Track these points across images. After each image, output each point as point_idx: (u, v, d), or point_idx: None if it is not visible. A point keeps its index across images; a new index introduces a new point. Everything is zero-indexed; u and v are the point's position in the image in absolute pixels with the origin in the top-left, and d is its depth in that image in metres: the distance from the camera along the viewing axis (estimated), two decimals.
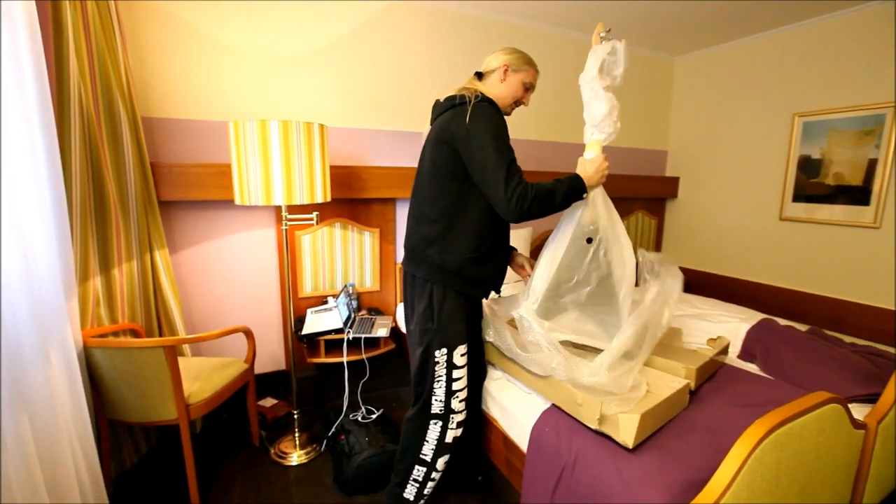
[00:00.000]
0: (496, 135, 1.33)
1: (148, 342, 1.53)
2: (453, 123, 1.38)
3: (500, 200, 1.32)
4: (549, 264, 1.49)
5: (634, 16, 2.76)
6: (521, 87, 1.51)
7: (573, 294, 1.51)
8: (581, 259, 1.49)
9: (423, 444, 1.52)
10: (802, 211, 2.89)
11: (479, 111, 1.36)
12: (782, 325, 2.02)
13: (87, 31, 1.63)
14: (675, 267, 1.60)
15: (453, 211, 1.41)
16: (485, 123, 1.34)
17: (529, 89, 1.54)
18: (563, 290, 1.50)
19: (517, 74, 1.49)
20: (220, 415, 2.27)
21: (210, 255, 2.27)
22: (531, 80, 1.52)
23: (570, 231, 1.48)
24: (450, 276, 1.44)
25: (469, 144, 1.34)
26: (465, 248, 1.42)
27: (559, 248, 1.49)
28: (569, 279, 1.49)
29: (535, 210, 1.33)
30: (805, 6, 2.57)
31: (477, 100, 1.38)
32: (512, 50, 1.51)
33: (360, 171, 2.42)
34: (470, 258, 1.42)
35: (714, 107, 3.39)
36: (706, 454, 1.18)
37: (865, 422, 1.36)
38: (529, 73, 1.51)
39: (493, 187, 1.32)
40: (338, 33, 2.40)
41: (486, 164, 1.32)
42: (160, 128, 2.09)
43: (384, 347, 2.29)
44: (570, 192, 1.39)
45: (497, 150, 1.32)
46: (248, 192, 1.74)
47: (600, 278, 1.50)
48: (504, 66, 1.48)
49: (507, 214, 1.35)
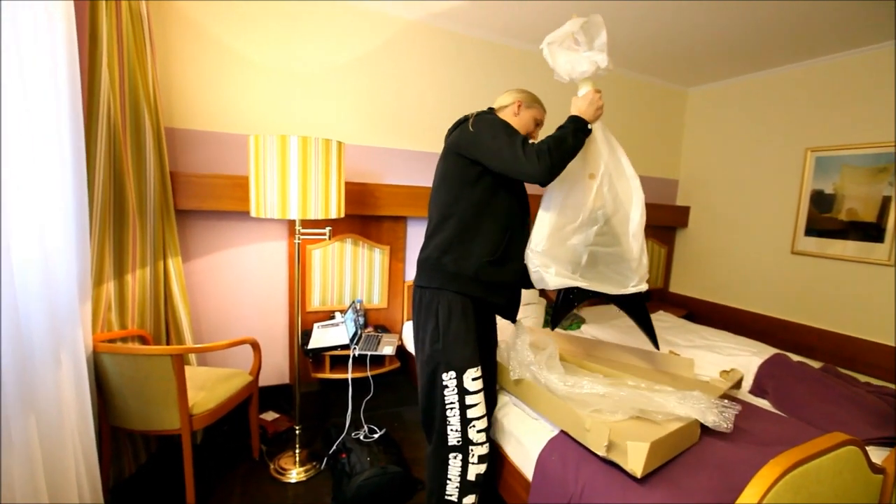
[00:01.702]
0: (504, 126, 1.40)
1: (157, 350, 1.53)
2: (460, 133, 1.46)
3: (525, 168, 1.33)
4: (550, 205, 1.45)
5: (649, 46, 2.82)
6: (532, 123, 1.57)
7: (581, 235, 1.44)
8: (585, 196, 1.44)
9: (446, 482, 1.44)
10: (814, 245, 2.87)
11: (484, 116, 1.46)
12: (795, 361, 1.99)
13: (119, 46, 1.69)
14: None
15: (468, 216, 1.43)
16: (491, 122, 1.42)
17: (539, 125, 1.60)
18: (567, 233, 1.43)
19: (529, 111, 1.56)
20: (221, 426, 2.25)
21: (222, 265, 2.29)
22: (541, 118, 1.59)
23: (569, 170, 1.45)
24: (466, 281, 1.42)
25: (479, 142, 1.39)
26: (481, 251, 1.42)
27: (560, 187, 1.46)
28: (573, 219, 1.43)
29: (557, 159, 1.33)
30: (820, 43, 2.61)
31: (481, 111, 1.49)
32: (523, 90, 1.59)
33: (373, 188, 2.45)
34: (487, 261, 1.43)
35: (726, 138, 3.41)
36: (718, 492, 1.15)
37: (884, 466, 1.32)
38: (540, 111, 1.58)
39: (513, 161, 1.34)
40: (359, 52, 2.47)
41: (501, 147, 1.35)
42: (181, 138, 2.14)
43: (389, 366, 2.27)
44: (576, 130, 1.39)
45: (507, 133, 1.38)
46: (265, 205, 1.77)
47: (607, 216, 1.45)
48: (517, 101, 1.55)
49: (536, 176, 1.33)
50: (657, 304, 3.62)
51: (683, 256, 3.78)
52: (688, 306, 3.66)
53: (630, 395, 1.42)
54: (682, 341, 2.39)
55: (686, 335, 2.50)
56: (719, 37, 2.59)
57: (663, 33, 2.59)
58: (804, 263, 2.94)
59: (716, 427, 1.36)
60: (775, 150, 3.08)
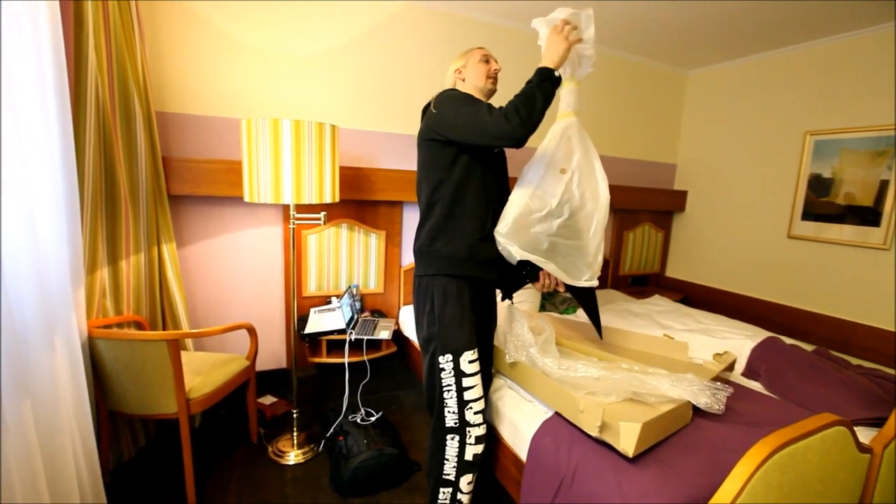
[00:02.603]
0: (463, 97, 1.39)
1: (152, 335, 1.54)
2: (426, 119, 1.46)
3: (494, 130, 1.29)
4: (523, 187, 1.46)
5: (649, 27, 2.77)
6: (481, 66, 1.52)
7: (544, 224, 1.45)
8: (554, 188, 1.45)
9: (443, 462, 1.47)
10: (811, 229, 2.87)
11: (442, 94, 1.44)
12: (788, 344, 2.00)
13: (107, 28, 1.66)
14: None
15: (451, 198, 1.43)
16: (449, 96, 1.41)
17: (489, 60, 1.53)
18: (533, 220, 1.44)
19: (469, 64, 1.53)
20: (219, 411, 2.27)
21: (216, 250, 2.29)
22: (482, 54, 1.53)
23: (543, 160, 1.46)
24: (461, 262, 1.44)
25: (444, 119, 1.38)
26: (470, 229, 1.44)
27: (532, 175, 1.47)
28: (539, 208, 1.44)
29: (525, 115, 1.27)
30: (820, 25, 2.56)
31: (448, 90, 1.48)
32: (457, 57, 1.58)
33: (368, 172, 2.43)
34: (477, 239, 1.44)
35: (725, 121, 3.38)
36: (708, 472, 1.17)
37: (871, 446, 1.34)
38: (475, 54, 1.54)
39: (482, 127, 1.31)
40: (352, 34, 2.42)
41: (467, 118, 1.33)
42: (173, 122, 2.12)
43: (386, 350, 2.29)
44: (541, 81, 1.33)
45: (468, 104, 1.36)
46: (258, 190, 1.75)
47: (573, 210, 1.46)
48: (455, 71, 1.55)
49: (509, 138, 1.30)
50: (653, 289, 3.63)
51: (680, 241, 3.78)
52: (684, 290, 3.67)
53: (624, 377, 1.44)
54: (677, 325, 2.40)
55: (682, 319, 2.51)
56: (719, 18, 2.55)
57: (663, 14, 2.54)
58: (801, 248, 2.94)
59: (708, 409, 1.38)
60: (774, 133, 3.06)
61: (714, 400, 1.38)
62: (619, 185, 3.45)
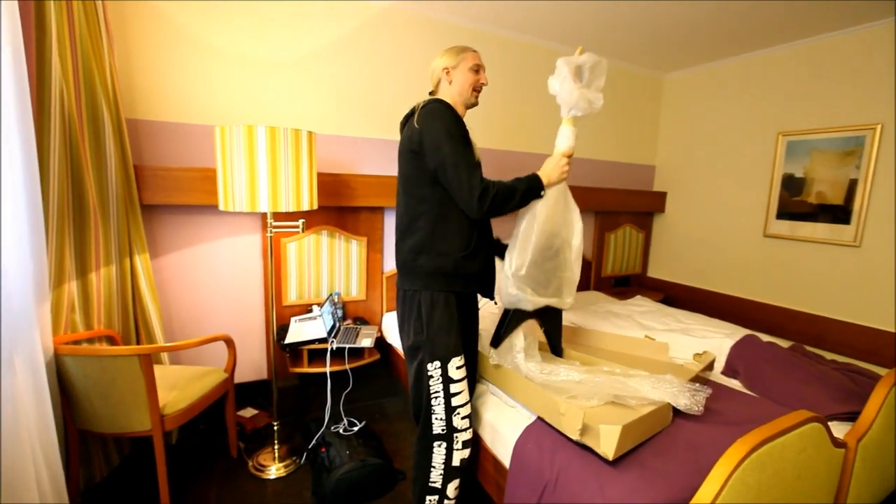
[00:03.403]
0: (447, 132, 1.35)
1: (122, 350, 1.49)
2: (409, 131, 1.43)
3: (463, 198, 1.35)
4: (530, 229, 1.47)
5: (625, 32, 2.81)
6: (470, 75, 1.49)
7: (552, 261, 1.54)
8: (556, 225, 1.51)
9: (430, 470, 1.46)
10: (786, 228, 2.94)
11: (427, 112, 1.40)
12: (765, 342, 2.03)
13: (71, 31, 1.61)
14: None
15: (435, 215, 1.43)
16: (433, 122, 1.36)
17: (479, 70, 1.51)
18: (545, 257, 1.51)
19: (458, 68, 1.48)
20: (197, 425, 2.21)
21: (192, 260, 2.23)
22: (475, 62, 1.49)
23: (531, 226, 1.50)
24: (448, 278, 1.44)
25: (424, 145, 1.37)
26: (455, 247, 1.43)
27: (536, 215, 1.48)
28: (549, 245, 1.51)
29: (496, 208, 1.36)
30: (791, 28, 2.63)
31: (424, 103, 1.43)
32: (442, 53, 1.51)
33: (348, 178, 2.40)
34: (462, 256, 1.44)
35: (701, 123, 3.45)
36: (688, 473, 1.17)
37: (845, 441, 1.37)
38: (468, 58, 1.49)
39: (456, 185, 1.35)
40: (329, 39, 2.40)
41: (444, 161, 1.34)
42: (145, 130, 2.06)
43: (369, 358, 2.26)
44: (528, 190, 1.43)
45: (451, 147, 1.34)
46: (233, 199, 1.72)
47: (566, 241, 1.56)
48: (443, 69, 1.49)
49: (470, 212, 1.38)
50: (635, 289, 3.67)
51: (661, 241, 3.83)
52: (665, 290, 3.72)
53: (605, 381, 1.44)
54: (658, 325, 2.43)
55: (662, 319, 2.54)
56: (693, 22, 2.60)
57: (638, 19, 2.58)
58: (776, 246, 3.01)
59: (687, 410, 1.39)
60: (749, 134, 3.13)
61: (693, 401, 1.39)
62: (600, 187, 3.48)
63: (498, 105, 2.93)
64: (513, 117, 3.03)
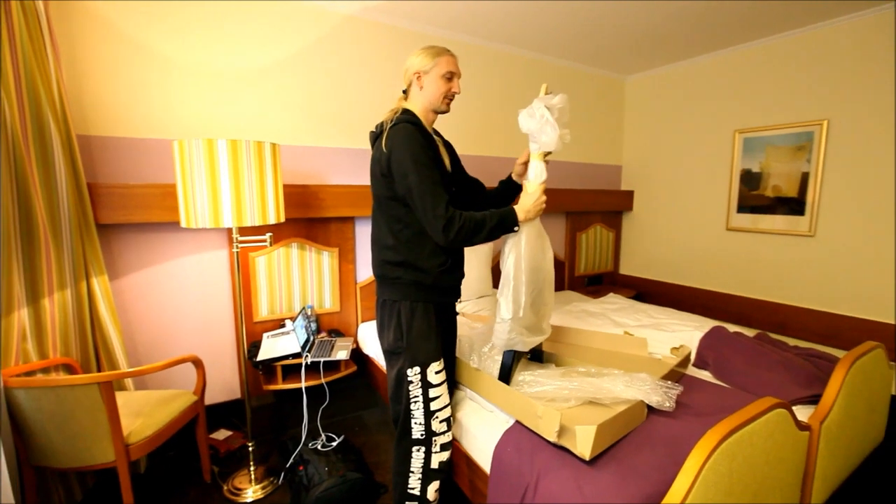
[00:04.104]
0: (414, 158, 1.32)
1: (79, 379, 1.41)
2: (378, 153, 1.40)
3: (429, 227, 1.35)
4: (520, 272, 1.47)
5: (587, 38, 2.88)
6: (441, 83, 1.43)
7: (542, 298, 1.56)
8: (540, 261, 1.53)
9: (408, 475, 1.46)
10: (747, 221, 3.06)
11: (394, 135, 1.36)
12: (732, 332, 2.10)
13: (10, 35, 1.52)
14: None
15: (411, 234, 1.42)
16: (400, 148, 1.33)
17: (452, 78, 1.45)
18: (538, 296, 1.52)
19: (430, 74, 1.43)
20: (167, 452, 2.11)
21: (156, 280, 2.14)
22: (449, 69, 1.43)
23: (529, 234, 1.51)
24: (427, 290, 1.45)
25: (392, 171, 1.36)
26: (433, 264, 1.43)
27: (523, 254, 1.48)
28: (540, 283, 1.54)
29: (462, 240, 1.35)
30: (743, 30, 2.76)
31: (392, 124, 1.39)
32: (417, 53, 1.44)
33: (316, 189, 2.36)
34: (440, 271, 1.44)
35: (663, 124, 3.56)
36: (663, 466, 1.19)
37: (809, 423, 1.42)
38: (442, 64, 1.42)
39: (422, 213, 1.34)
40: (293, 48, 2.36)
41: (411, 188, 1.33)
42: (99, 146, 1.98)
43: (345, 370, 2.21)
44: (498, 225, 1.40)
45: (417, 175, 1.32)
46: (195, 215, 1.66)
47: (545, 277, 1.57)
48: (415, 73, 1.44)
49: (436, 240, 1.38)
50: (608, 287, 3.75)
51: (630, 239, 3.93)
52: (637, 286, 3.81)
53: (581, 382, 1.46)
54: (631, 321, 2.48)
55: (635, 315, 2.59)
56: (652, 26, 2.68)
57: (599, 23, 2.65)
58: (738, 239, 3.12)
59: (660, 407, 1.41)
60: (708, 132, 3.25)
61: (666, 397, 1.42)
62: (570, 188, 3.55)
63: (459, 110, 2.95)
64: (476, 122, 3.05)
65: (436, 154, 1.43)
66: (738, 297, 3.12)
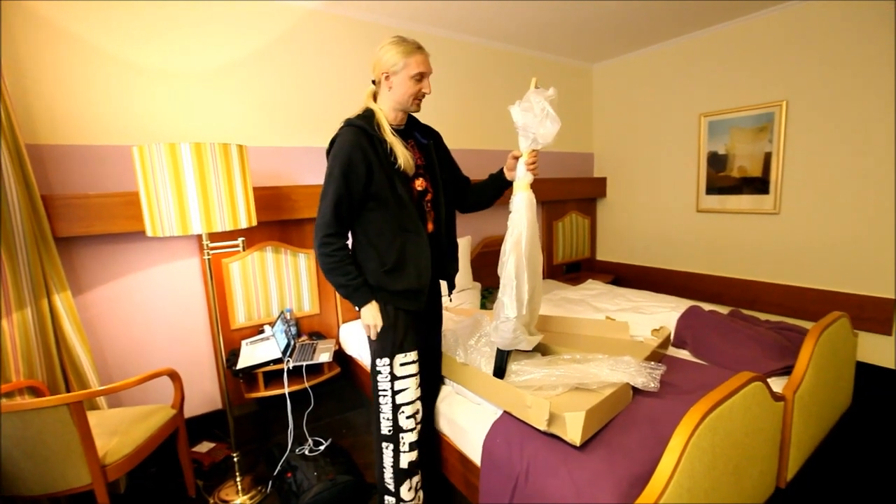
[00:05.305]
0: (330, 172, 1.37)
1: (44, 402, 1.34)
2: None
3: (314, 237, 1.40)
4: (521, 271, 1.46)
5: (554, 27, 2.89)
6: (411, 84, 1.38)
7: (539, 295, 1.56)
8: (536, 261, 1.52)
9: (383, 470, 1.50)
10: (716, 202, 3.15)
11: (334, 144, 1.41)
12: (707, 311, 2.16)
13: None
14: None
15: (354, 233, 1.47)
16: (332, 157, 1.39)
17: (423, 79, 1.40)
18: (535, 294, 1.52)
19: (399, 75, 1.38)
20: (148, 469, 2.04)
21: (124, 293, 2.05)
22: (419, 70, 1.37)
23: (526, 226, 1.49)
24: (408, 297, 1.45)
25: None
26: (374, 265, 1.43)
27: (524, 251, 1.47)
28: (537, 282, 1.53)
29: (321, 265, 1.40)
30: (703, 16, 2.81)
31: (340, 128, 1.43)
32: (387, 47, 1.38)
33: (288, 191, 2.30)
34: (383, 272, 1.42)
35: (631, 110, 3.62)
36: (650, 446, 1.22)
37: (783, 394, 1.48)
38: (411, 64, 1.36)
39: (317, 222, 1.39)
40: (253, 45, 2.28)
41: (321, 197, 1.39)
42: (52, 156, 1.87)
43: (329, 373, 2.18)
44: (345, 292, 1.42)
45: (325, 189, 1.37)
46: (161, 223, 1.59)
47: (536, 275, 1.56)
48: (383, 74, 1.39)
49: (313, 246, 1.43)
50: (586, 274, 3.81)
51: (606, 225, 3.99)
52: (615, 271, 3.88)
53: (567, 369, 1.48)
54: (611, 306, 2.52)
55: (614, 300, 2.64)
56: (617, 13, 2.71)
57: (566, 12, 2.66)
58: (708, 220, 3.22)
59: (644, 388, 1.44)
60: (674, 117, 3.32)
61: (650, 378, 1.45)
62: (545, 177, 3.57)
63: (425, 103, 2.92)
64: (445, 116, 3.03)
65: (382, 158, 1.38)
66: (711, 277, 3.22)
